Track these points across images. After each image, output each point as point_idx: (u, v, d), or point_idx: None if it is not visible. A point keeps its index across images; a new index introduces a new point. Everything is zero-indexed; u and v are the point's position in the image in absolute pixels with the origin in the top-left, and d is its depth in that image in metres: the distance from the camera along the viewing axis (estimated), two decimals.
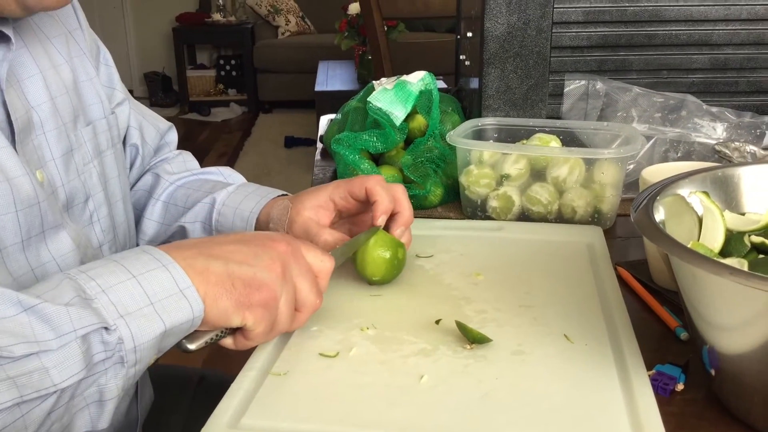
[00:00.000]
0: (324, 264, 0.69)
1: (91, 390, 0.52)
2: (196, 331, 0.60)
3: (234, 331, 0.63)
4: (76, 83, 0.79)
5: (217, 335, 0.62)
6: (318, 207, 0.81)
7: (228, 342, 0.64)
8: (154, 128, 0.96)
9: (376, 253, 0.79)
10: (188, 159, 0.98)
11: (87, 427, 0.54)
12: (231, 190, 0.88)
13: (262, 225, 0.84)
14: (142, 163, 0.94)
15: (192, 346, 0.60)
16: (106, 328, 0.51)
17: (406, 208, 0.81)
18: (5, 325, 0.48)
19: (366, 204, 0.82)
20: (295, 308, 0.65)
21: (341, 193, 0.81)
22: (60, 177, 0.72)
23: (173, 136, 0.99)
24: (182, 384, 0.98)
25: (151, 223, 0.91)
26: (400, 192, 0.81)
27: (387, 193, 0.80)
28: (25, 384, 0.48)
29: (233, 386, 0.62)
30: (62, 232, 0.70)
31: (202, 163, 0.97)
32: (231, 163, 4.44)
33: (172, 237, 0.90)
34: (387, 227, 0.82)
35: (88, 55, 0.82)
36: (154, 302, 0.54)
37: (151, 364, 0.57)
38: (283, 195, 0.87)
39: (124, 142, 0.91)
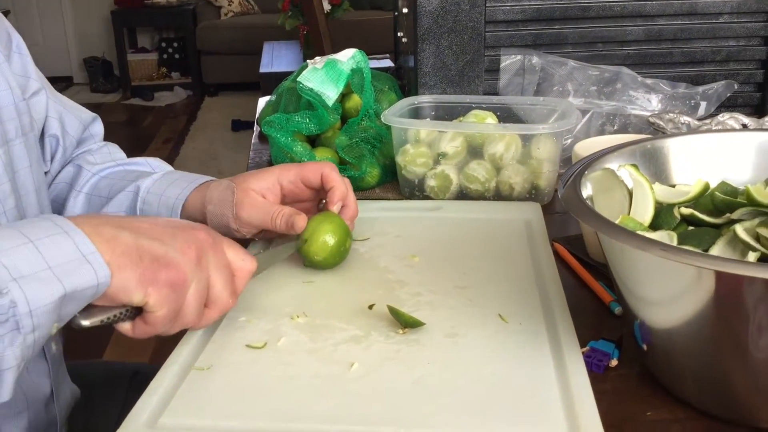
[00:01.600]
0: (245, 263, 0.66)
1: None
2: (93, 306, 0.56)
3: (135, 316, 0.59)
4: None
5: (115, 315, 0.57)
6: (266, 189, 0.80)
7: (126, 327, 0.59)
8: (77, 119, 0.91)
9: (326, 233, 0.77)
10: (114, 150, 0.94)
11: None
12: (156, 177, 0.84)
13: (190, 212, 0.81)
14: (64, 155, 0.90)
15: (86, 323, 0.56)
16: None
17: (352, 202, 0.82)
18: None
19: (314, 192, 0.81)
20: (205, 304, 0.62)
21: (291, 177, 0.80)
22: None
23: (98, 128, 0.95)
24: (113, 380, 0.94)
25: None
26: (348, 185, 0.82)
27: (342, 180, 0.80)
28: None
29: (153, 383, 0.59)
30: None
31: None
32: (177, 148, 4.34)
33: None
34: None
35: None
36: (53, 266, 0.52)
37: (53, 334, 0.54)
38: (210, 180, 0.84)
39: (43, 134, 0.86)
